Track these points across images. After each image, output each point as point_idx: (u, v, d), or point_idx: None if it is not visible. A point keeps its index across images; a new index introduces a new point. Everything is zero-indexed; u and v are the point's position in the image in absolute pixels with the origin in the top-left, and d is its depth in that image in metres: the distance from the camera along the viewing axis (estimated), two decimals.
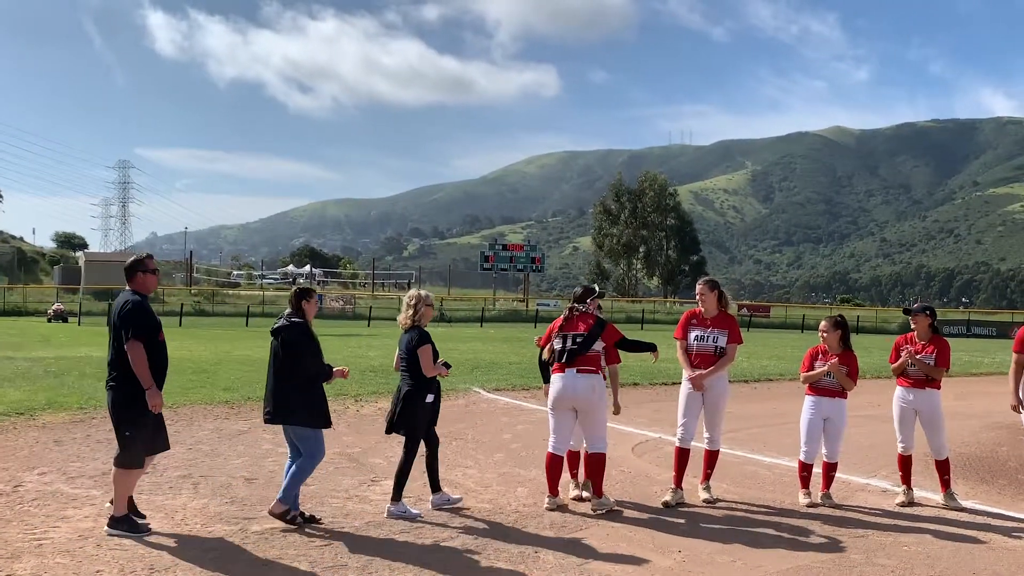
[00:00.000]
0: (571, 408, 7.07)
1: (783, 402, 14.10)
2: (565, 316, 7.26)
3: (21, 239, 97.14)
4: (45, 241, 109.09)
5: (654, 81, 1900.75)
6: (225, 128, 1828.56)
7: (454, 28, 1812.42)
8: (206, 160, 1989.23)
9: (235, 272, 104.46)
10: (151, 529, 6.11)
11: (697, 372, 7.48)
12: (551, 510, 7.07)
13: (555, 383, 7.10)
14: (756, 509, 7.41)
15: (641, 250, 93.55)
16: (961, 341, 45.35)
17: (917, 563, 5.97)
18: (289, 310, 6.64)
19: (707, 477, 7.68)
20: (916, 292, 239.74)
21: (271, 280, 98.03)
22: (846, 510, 7.44)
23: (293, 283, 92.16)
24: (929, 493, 7.96)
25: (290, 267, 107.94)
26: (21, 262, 79.00)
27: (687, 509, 7.30)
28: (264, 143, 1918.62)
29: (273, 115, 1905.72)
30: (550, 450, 7.11)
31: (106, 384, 6.22)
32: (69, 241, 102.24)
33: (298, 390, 6.40)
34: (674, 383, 7.99)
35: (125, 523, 6.07)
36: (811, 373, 7.68)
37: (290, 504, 6.38)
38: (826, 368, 7.57)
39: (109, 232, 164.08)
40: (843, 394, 7.65)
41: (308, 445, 6.47)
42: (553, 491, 7.16)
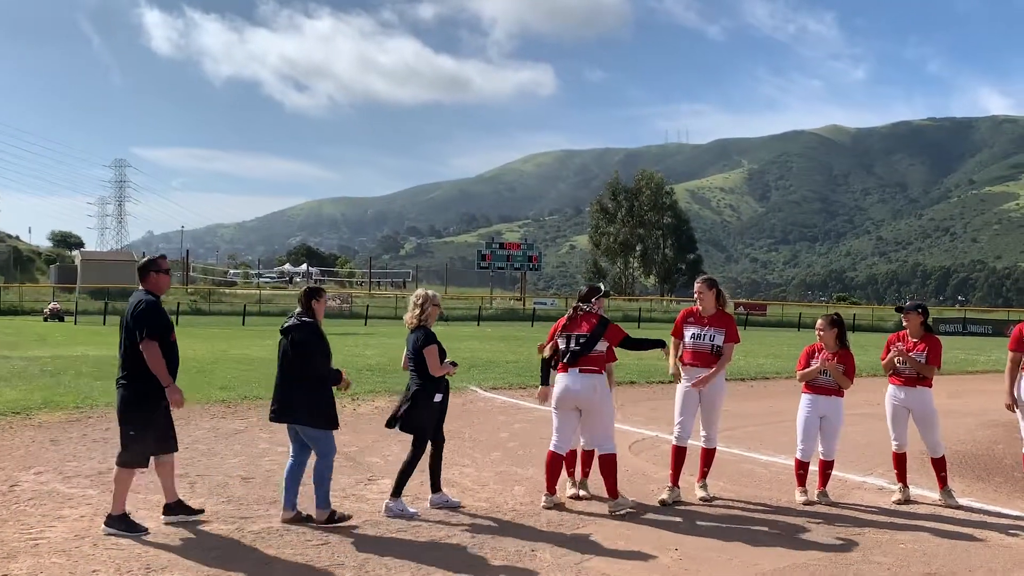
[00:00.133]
0: (574, 408, 7.07)
1: (780, 400, 14.11)
2: (569, 315, 7.25)
3: (17, 238, 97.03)
4: (41, 240, 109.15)
5: (651, 80, 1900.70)
6: (221, 127, 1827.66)
7: (450, 27, 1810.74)
8: (202, 159, 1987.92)
9: (232, 271, 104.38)
10: (147, 529, 6.11)
11: (688, 371, 7.49)
12: (548, 508, 7.07)
13: (558, 383, 7.11)
14: (753, 507, 7.42)
15: (638, 249, 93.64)
16: (957, 339, 45.48)
17: (913, 560, 5.98)
18: (299, 309, 6.64)
19: (704, 475, 7.69)
20: (912, 290, 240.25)
21: (268, 279, 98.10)
22: (842, 508, 7.46)
23: (290, 282, 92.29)
24: (925, 491, 7.99)
25: (287, 266, 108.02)
26: (17, 261, 78.85)
27: (684, 507, 7.31)
28: (260, 142, 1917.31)
29: (269, 114, 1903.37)
30: (551, 448, 7.12)
31: (116, 382, 6.25)
32: (65, 240, 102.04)
33: (306, 390, 6.41)
34: (669, 382, 8.00)
35: (122, 522, 6.06)
36: (807, 371, 7.69)
37: (327, 505, 6.43)
38: (821, 366, 7.59)
39: (105, 231, 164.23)
40: (839, 392, 7.66)
41: (319, 446, 6.48)
42: (551, 489, 7.17)
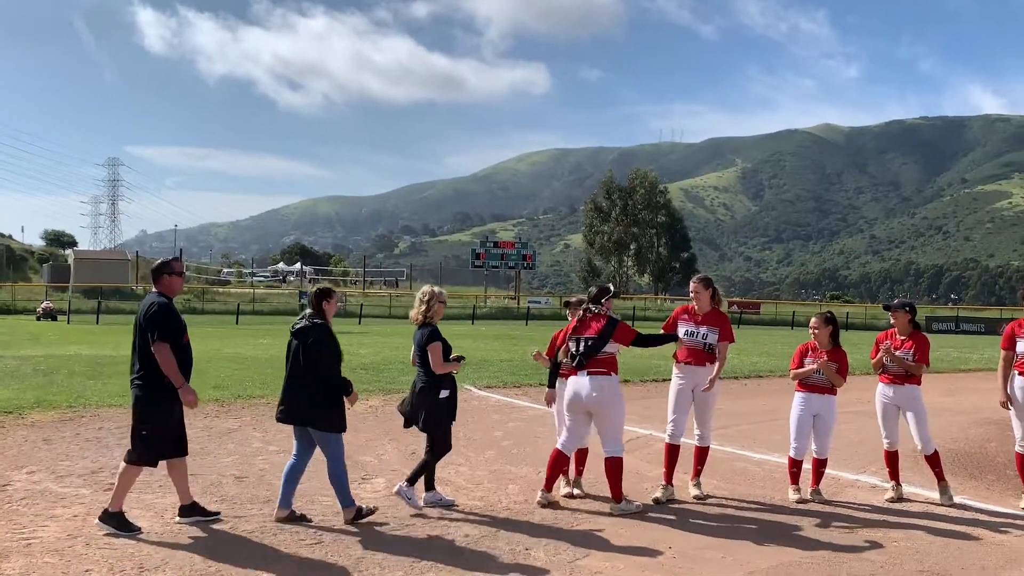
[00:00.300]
0: (585, 412, 7.05)
1: (773, 399, 14.13)
2: (579, 317, 7.22)
3: (10, 237, 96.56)
4: (34, 239, 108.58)
5: (644, 79, 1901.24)
6: (215, 125, 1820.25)
7: (444, 26, 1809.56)
8: (196, 157, 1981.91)
9: (225, 270, 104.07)
10: (140, 528, 6.09)
11: (682, 369, 7.54)
12: (543, 505, 7.08)
13: (568, 387, 7.11)
14: (746, 505, 7.44)
15: (632, 247, 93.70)
16: (950, 338, 45.61)
17: (906, 558, 6.00)
18: (310, 310, 6.63)
19: (697, 473, 7.71)
20: (905, 289, 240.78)
21: (261, 278, 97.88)
22: (836, 506, 7.48)
23: (284, 281, 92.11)
24: (918, 489, 8.01)
25: (280, 265, 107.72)
26: (10, 260, 78.54)
27: (677, 505, 7.32)
28: (254, 140, 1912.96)
29: (263, 112, 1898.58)
30: (558, 447, 7.13)
31: (131, 382, 6.28)
32: (58, 239, 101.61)
33: (316, 392, 6.41)
34: (664, 380, 8.00)
35: (116, 519, 6.06)
36: (801, 370, 7.70)
37: (351, 503, 6.47)
38: (816, 365, 7.60)
39: (99, 230, 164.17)
40: (833, 391, 7.68)
41: (329, 448, 6.49)
42: (548, 487, 7.17)
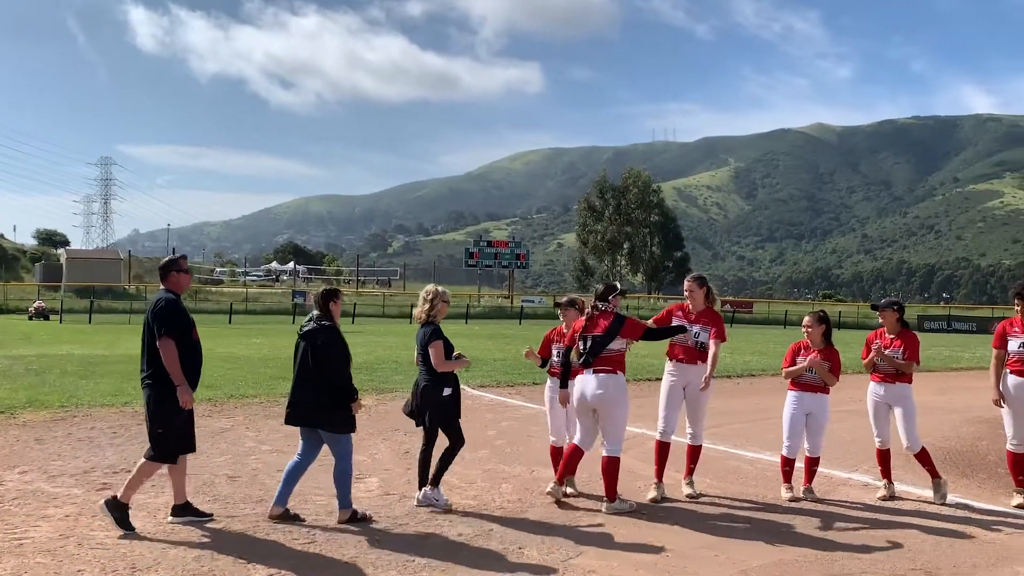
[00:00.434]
0: (591, 410, 7.05)
1: (766, 397, 14.16)
2: (588, 315, 7.21)
3: (2, 236, 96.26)
4: (26, 238, 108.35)
5: (638, 78, 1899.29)
6: (207, 124, 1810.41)
7: (438, 24, 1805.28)
8: (188, 156, 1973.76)
9: (218, 269, 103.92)
10: (134, 529, 6.08)
11: (674, 366, 7.61)
12: (554, 497, 7.12)
13: (575, 385, 7.11)
14: (739, 504, 7.45)
15: (625, 247, 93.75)
16: (942, 336, 45.75)
17: (898, 556, 6.02)
18: (317, 312, 6.63)
19: (690, 472, 7.72)
20: (897, 288, 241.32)
21: (254, 277, 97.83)
22: (828, 504, 7.50)
23: (277, 280, 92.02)
24: (910, 487, 8.04)
25: (273, 264, 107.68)
26: (1, 259, 78.27)
27: (671, 504, 7.34)
28: (247, 139, 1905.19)
29: (256, 111, 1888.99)
30: (575, 442, 7.15)
31: (141, 381, 6.32)
32: (50, 238, 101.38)
33: (325, 394, 6.42)
34: (656, 379, 8.01)
35: (119, 511, 6.09)
36: (793, 368, 7.72)
37: (349, 505, 6.51)
38: (807, 363, 7.61)
39: (91, 229, 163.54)
40: (825, 389, 7.69)
41: (338, 448, 6.52)
42: (560, 480, 7.20)
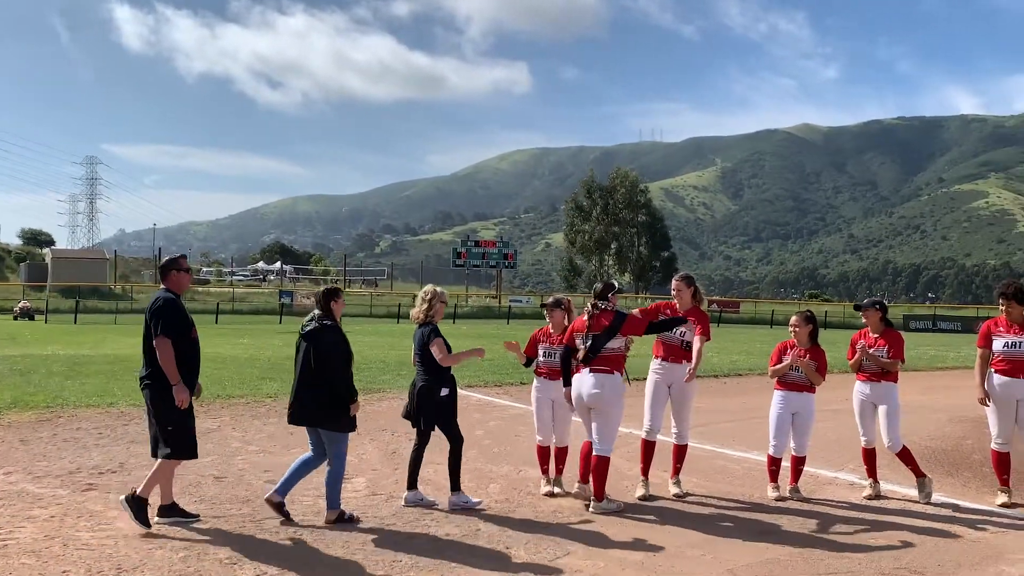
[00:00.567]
0: (588, 409, 7.06)
1: (752, 397, 14.21)
2: (589, 314, 7.20)
3: None
4: (11, 238, 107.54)
5: (625, 78, 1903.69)
6: (194, 123, 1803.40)
7: (425, 24, 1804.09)
8: (175, 156, 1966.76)
9: (204, 269, 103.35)
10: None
11: (659, 364, 7.67)
12: (584, 498, 7.15)
13: (573, 384, 7.13)
14: (726, 503, 7.48)
15: (613, 246, 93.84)
16: (927, 336, 46.01)
17: (884, 555, 6.05)
18: (318, 311, 6.61)
19: (677, 471, 7.74)
20: (883, 287, 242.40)
21: (241, 277, 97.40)
22: (814, 504, 7.53)
23: (264, 280, 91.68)
24: (895, 486, 8.07)
25: (260, 264, 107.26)
26: None
27: (657, 503, 7.36)
28: (234, 139, 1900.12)
29: (242, 110, 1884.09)
30: (589, 439, 7.15)
31: (140, 381, 6.33)
32: (36, 238, 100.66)
33: (326, 393, 6.42)
34: (642, 378, 8.03)
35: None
36: (778, 367, 7.74)
37: (338, 506, 6.51)
38: (793, 362, 7.63)
39: (76, 229, 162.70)
40: (811, 389, 7.72)
41: (336, 447, 6.53)
42: (584, 478, 7.22)
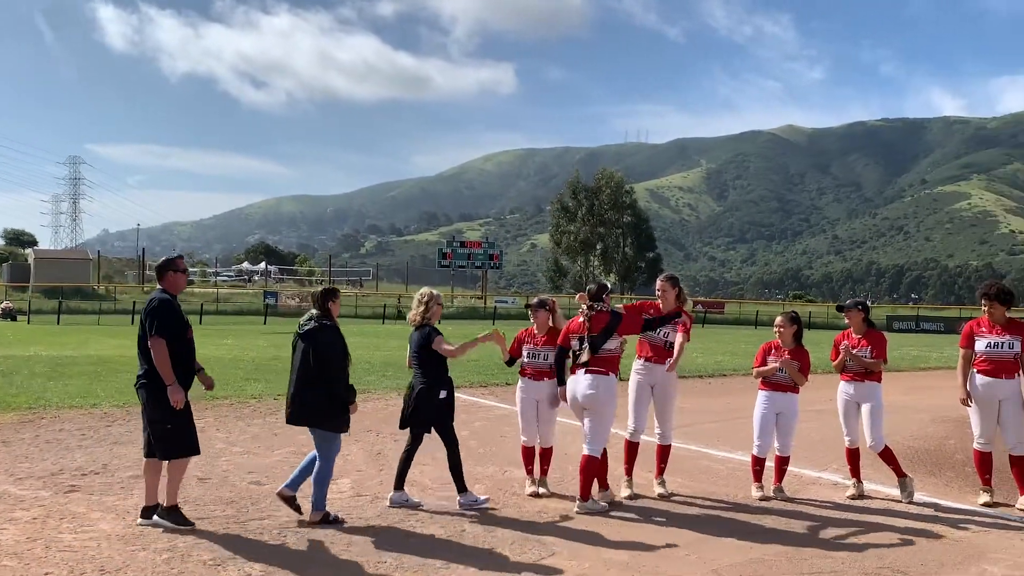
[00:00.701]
0: (583, 409, 7.06)
1: (737, 397, 14.26)
2: (586, 316, 7.20)
3: None
4: None
5: (610, 80, 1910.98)
6: (178, 123, 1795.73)
7: (409, 24, 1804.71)
8: (159, 156, 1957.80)
9: (188, 269, 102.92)
10: (193, 524, 6.24)
11: (642, 364, 7.73)
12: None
13: (568, 385, 7.14)
14: (710, 503, 7.51)
15: (598, 247, 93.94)
16: (910, 336, 46.28)
17: (867, 555, 6.08)
18: (315, 311, 6.58)
19: (661, 471, 7.76)
20: (866, 288, 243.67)
21: (225, 278, 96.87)
22: (798, 503, 7.57)
23: (248, 280, 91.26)
24: (879, 486, 8.12)
25: (245, 264, 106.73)
26: None
27: (642, 504, 7.38)
28: (218, 139, 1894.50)
29: (227, 110, 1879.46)
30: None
31: (136, 380, 6.37)
32: (18, 238, 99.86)
33: (322, 393, 6.43)
34: (624, 378, 8.03)
35: (174, 515, 6.23)
36: (763, 368, 7.78)
37: (323, 507, 6.51)
38: (779, 364, 7.67)
39: (59, 229, 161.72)
40: (795, 389, 7.76)
41: (326, 447, 6.53)
42: (603, 484, 7.29)
